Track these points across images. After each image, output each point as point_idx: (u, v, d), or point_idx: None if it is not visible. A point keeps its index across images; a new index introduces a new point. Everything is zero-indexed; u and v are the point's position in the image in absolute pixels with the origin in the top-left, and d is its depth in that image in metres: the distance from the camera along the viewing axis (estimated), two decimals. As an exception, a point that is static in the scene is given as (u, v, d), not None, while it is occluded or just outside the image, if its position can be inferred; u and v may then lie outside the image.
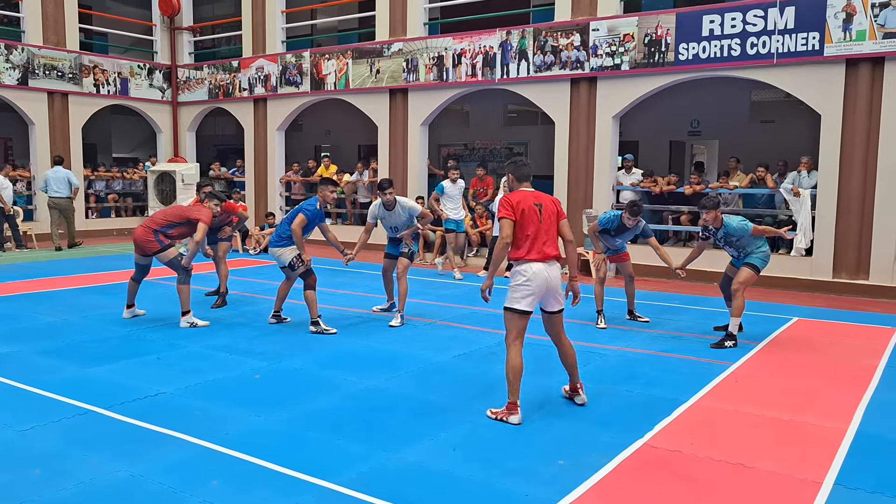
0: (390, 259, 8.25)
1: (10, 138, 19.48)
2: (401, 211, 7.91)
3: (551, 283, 4.89)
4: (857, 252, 10.33)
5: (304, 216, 7.33)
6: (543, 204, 4.97)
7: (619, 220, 7.85)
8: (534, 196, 4.98)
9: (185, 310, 7.56)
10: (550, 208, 5.01)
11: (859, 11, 9.93)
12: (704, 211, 7.08)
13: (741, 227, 7.02)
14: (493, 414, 4.92)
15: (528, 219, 4.87)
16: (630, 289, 8.25)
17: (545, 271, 4.85)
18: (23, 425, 4.63)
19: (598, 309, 7.94)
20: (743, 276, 7.08)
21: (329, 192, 7.61)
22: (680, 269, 7.72)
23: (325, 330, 7.31)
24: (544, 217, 4.93)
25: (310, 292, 7.38)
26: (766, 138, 13.73)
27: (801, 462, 4.24)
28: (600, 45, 12.08)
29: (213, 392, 5.40)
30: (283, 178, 16.94)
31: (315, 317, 7.37)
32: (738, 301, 7.03)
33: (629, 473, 4.06)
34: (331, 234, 8.06)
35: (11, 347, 6.59)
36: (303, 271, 7.42)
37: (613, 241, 8.06)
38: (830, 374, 6.16)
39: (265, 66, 16.74)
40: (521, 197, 4.94)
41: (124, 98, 17.78)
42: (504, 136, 17.54)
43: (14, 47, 15.48)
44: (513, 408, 4.84)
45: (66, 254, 13.60)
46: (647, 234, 8.02)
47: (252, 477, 3.93)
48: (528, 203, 4.91)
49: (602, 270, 8.00)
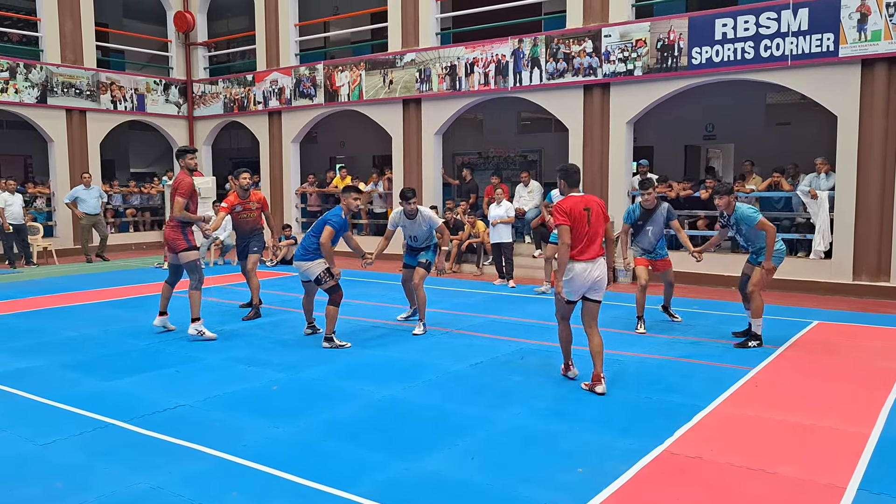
0: (408, 269, 8.24)
1: (30, 155, 19.76)
2: (422, 221, 7.90)
3: (595, 278, 5.51)
4: (877, 254, 10.21)
5: (331, 228, 7.17)
6: (591, 208, 5.49)
7: (639, 207, 7.99)
8: (583, 201, 5.50)
9: (195, 317, 7.56)
10: (597, 212, 5.53)
11: (874, 11, 9.85)
12: (717, 196, 7.13)
13: (748, 216, 6.99)
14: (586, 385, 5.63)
15: (578, 223, 5.42)
16: (668, 291, 8.40)
17: (587, 270, 5.47)
18: (44, 439, 4.68)
19: (638, 315, 7.94)
20: (755, 277, 7.08)
21: (353, 199, 7.42)
22: (697, 252, 7.79)
23: (340, 345, 7.23)
24: (592, 220, 5.47)
25: (332, 308, 7.25)
26: (782, 141, 13.63)
27: (824, 467, 4.18)
28: (613, 51, 12.06)
29: (232, 404, 5.43)
30: (299, 190, 17.04)
31: (330, 332, 7.26)
32: (755, 303, 7.02)
33: (649, 480, 4.03)
34: (353, 242, 7.89)
35: (34, 362, 6.66)
36: (331, 286, 7.29)
37: (646, 235, 8.04)
38: (852, 377, 6.08)
39: (279, 79, 16.87)
40: (573, 203, 5.47)
41: (141, 114, 17.98)
42: (518, 143, 17.54)
43: (33, 66, 15.72)
44: (570, 365, 5.92)
45: (85, 268, 13.73)
46: (671, 216, 8.06)
47: (271, 488, 3.94)
48: (578, 209, 5.44)
49: (644, 276, 7.97)
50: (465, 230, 13.38)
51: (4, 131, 19.03)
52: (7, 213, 13.54)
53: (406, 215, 7.88)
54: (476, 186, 14.92)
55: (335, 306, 7.26)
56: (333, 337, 7.27)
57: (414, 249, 8.19)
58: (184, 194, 7.46)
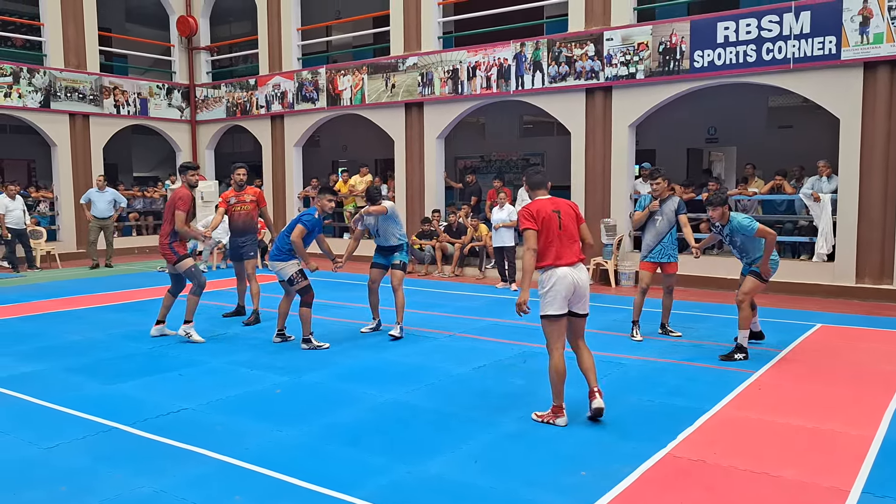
0: (378, 269, 8.09)
1: (34, 160, 19.82)
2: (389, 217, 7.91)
3: (579, 285, 4.99)
4: (880, 257, 10.20)
5: (303, 226, 7.20)
6: (561, 210, 5.04)
7: (650, 197, 7.84)
8: (552, 203, 5.07)
9: (188, 319, 7.70)
10: (569, 213, 5.08)
11: (876, 14, 9.85)
12: (711, 208, 6.92)
13: (745, 226, 6.72)
14: (539, 417, 5.07)
15: (548, 226, 4.95)
16: (667, 301, 7.95)
17: (571, 274, 4.96)
18: (48, 442, 4.68)
19: (633, 319, 7.78)
20: (746, 286, 6.86)
21: (327, 201, 7.49)
22: (696, 248, 7.60)
23: (318, 346, 7.27)
24: (564, 222, 5.00)
25: (305, 309, 7.30)
26: (784, 144, 13.63)
27: (828, 470, 4.18)
28: (615, 54, 12.07)
29: (235, 407, 5.43)
30: (302, 194, 17.06)
31: (307, 334, 7.30)
32: (742, 313, 6.78)
33: (652, 483, 4.02)
34: (325, 244, 7.95)
35: (38, 366, 6.68)
36: (303, 286, 7.32)
37: (654, 225, 7.76)
38: (855, 380, 6.07)
39: (282, 84, 16.90)
40: (540, 206, 5.03)
41: (144, 118, 18.02)
42: (520, 147, 17.56)
43: (36, 71, 15.77)
44: (558, 411, 5.01)
45: (89, 272, 13.73)
46: (681, 209, 7.79)
47: (274, 491, 3.94)
48: (546, 211, 4.99)
49: (646, 280, 7.79)
50: (467, 234, 13.39)
51: (8, 136, 19.10)
52: (8, 218, 13.56)
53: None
54: (479, 189, 14.93)
55: (307, 307, 7.33)
56: (311, 338, 7.31)
57: (384, 249, 8.05)
58: (184, 208, 7.59)
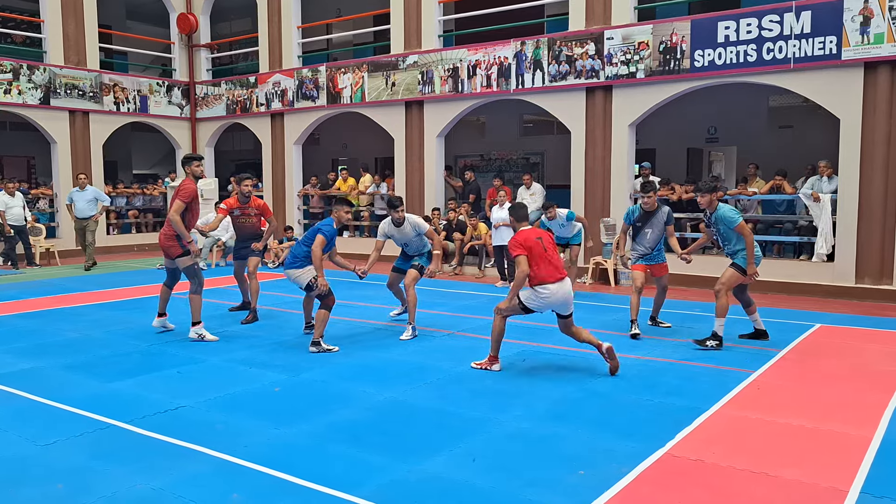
0: (397, 273, 8.28)
1: (33, 157, 19.81)
2: (409, 228, 7.95)
3: (566, 296, 6.19)
4: (880, 257, 10.20)
5: (323, 237, 7.13)
6: (542, 237, 6.27)
7: (639, 208, 7.97)
8: (533, 232, 6.27)
9: (196, 320, 7.58)
10: (548, 240, 6.32)
11: (877, 14, 9.84)
12: (699, 194, 7.19)
13: (728, 218, 7.04)
14: (477, 365, 6.38)
15: (535, 251, 6.12)
16: (659, 298, 8.27)
17: (561, 289, 6.14)
18: (46, 440, 4.68)
19: (631, 318, 7.84)
20: (724, 276, 7.13)
21: (344, 212, 7.46)
22: (685, 254, 7.83)
23: (327, 349, 7.16)
24: (547, 247, 6.22)
25: (324, 312, 7.23)
26: (785, 144, 13.62)
27: (827, 470, 4.17)
28: (615, 53, 12.06)
29: (234, 405, 5.42)
30: (301, 192, 17.05)
31: (318, 337, 7.19)
32: (719, 301, 7.04)
33: (651, 483, 4.02)
34: (339, 259, 7.83)
35: (35, 363, 6.67)
36: (322, 292, 7.24)
37: (644, 237, 7.96)
38: (855, 380, 6.07)
39: (282, 81, 16.89)
40: (526, 235, 6.22)
41: (144, 115, 18.01)
42: (520, 146, 17.55)
43: (36, 68, 15.75)
44: (494, 360, 6.35)
45: (91, 270, 13.72)
46: (669, 220, 8.01)
47: (272, 490, 3.93)
48: (531, 239, 6.17)
49: (639, 281, 7.90)
50: (467, 231, 13.39)
51: (8, 133, 19.09)
52: (8, 215, 13.54)
53: (394, 223, 7.94)
54: (478, 187, 14.91)
55: (327, 310, 7.26)
56: (321, 342, 7.18)
57: (408, 256, 8.23)
58: (185, 198, 7.46)
